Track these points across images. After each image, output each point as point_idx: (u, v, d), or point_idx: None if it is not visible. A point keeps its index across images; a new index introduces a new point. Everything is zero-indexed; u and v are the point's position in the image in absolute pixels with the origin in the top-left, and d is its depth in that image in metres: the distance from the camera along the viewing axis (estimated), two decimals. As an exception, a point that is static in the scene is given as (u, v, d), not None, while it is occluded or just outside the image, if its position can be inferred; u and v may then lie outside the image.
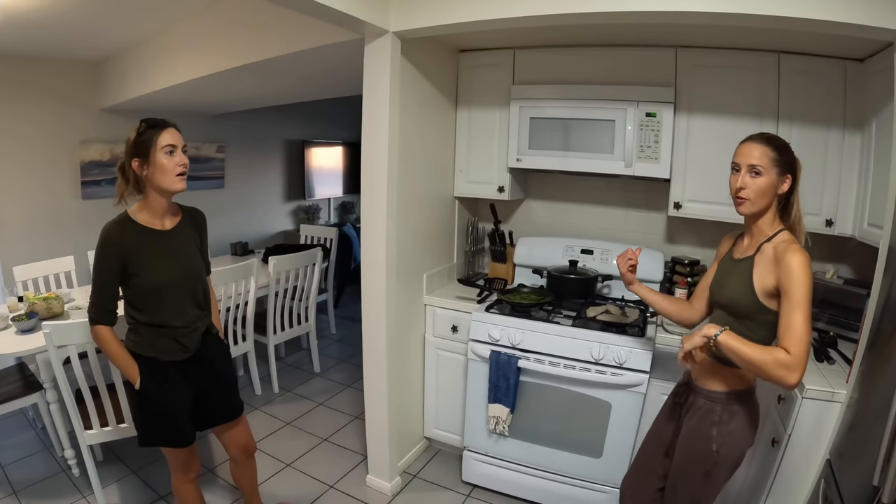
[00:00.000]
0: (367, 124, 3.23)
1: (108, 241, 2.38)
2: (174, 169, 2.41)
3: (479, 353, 3.43)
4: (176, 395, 2.59)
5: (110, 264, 2.39)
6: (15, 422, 4.32)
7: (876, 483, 1.75)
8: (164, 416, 2.58)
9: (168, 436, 2.62)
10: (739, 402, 2.24)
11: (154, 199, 2.48)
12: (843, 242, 3.23)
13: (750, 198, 2.13)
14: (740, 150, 2.17)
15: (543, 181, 4.24)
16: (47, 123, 5.27)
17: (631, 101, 3.30)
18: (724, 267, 2.37)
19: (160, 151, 2.37)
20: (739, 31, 2.77)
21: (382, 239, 3.28)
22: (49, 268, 4.62)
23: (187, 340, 2.59)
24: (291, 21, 3.27)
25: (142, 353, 2.52)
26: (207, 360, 2.70)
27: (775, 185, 2.12)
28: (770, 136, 2.17)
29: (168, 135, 2.40)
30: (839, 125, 3.00)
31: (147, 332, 2.52)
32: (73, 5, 3.67)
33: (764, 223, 2.21)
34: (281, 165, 8.23)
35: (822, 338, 3.08)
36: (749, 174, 2.12)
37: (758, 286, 2.11)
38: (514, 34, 3.37)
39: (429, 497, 3.65)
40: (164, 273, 2.48)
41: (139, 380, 2.50)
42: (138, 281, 2.43)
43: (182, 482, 2.79)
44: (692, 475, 2.31)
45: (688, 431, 2.34)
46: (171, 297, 2.52)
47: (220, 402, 2.80)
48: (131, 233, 2.43)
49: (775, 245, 2.13)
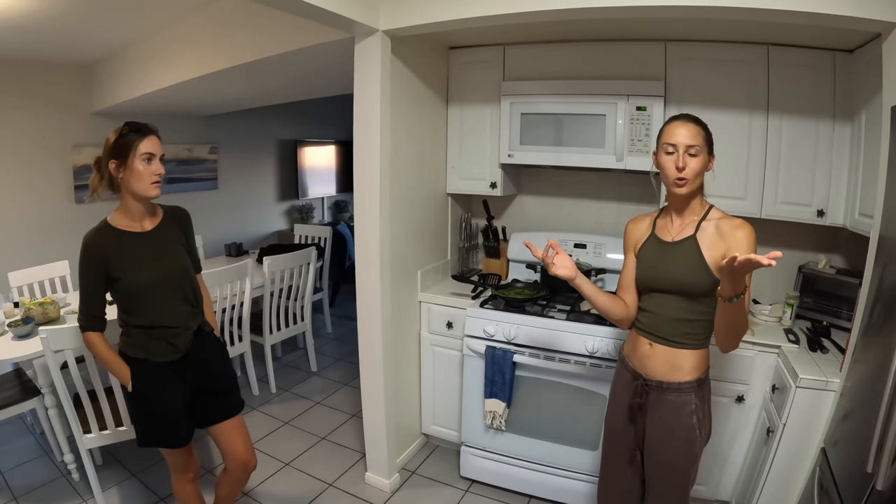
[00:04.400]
0: (359, 123, 3.23)
1: (89, 249, 2.41)
2: (150, 177, 2.41)
3: (475, 349, 3.44)
4: (168, 397, 2.59)
5: (93, 271, 2.42)
6: (13, 427, 4.31)
7: (869, 470, 1.76)
8: (157, 418, 2.59)
9: (162, 437, 2.63)
10: (706, 384, 2.28)
11: (130, 204, 2.49)
12: (835, 232, 3.25)
13: (689, 178, 2.13)
14: (674, 132, 2.15)
15: (536, 176, 4.25)
16: (39, 128, 5.26)
17: (621, 96, 3.31)
18: (653, 253, 2.30)
19: (138, 158, 2.38)
20: (728, 24, 2.79)
21: (376, 237, 3.29)
22: (44, 273, 4.61)
23: (178, 341, 2.59)
24: (282, 22, 3.28)
25: (133, 355, 2.53)
26: (201, 358, 2.69)
27: (706, 163, 2.16)
28: (694, 116, 2.19)
29: (148, 142, 2.40)
30: (829, 116, 3.01)
31: (138, 334, 2.53)
32: (63, 8, 3.67)
33: (695, 203, 2.23)
34: (274, 165, 8.24)
35: (815, 327, 3.11)
36: (687, 154, 2.11)
37: (710, 262, 2.12)
38: (504, 30, 3.37)
39: (428, 493, 3.65)
40: (147, 274, 2.49)
41: (132, 382, 2.52)
42: (122, 284, 2.45)
43: (181, 482, 2.81)
44: (682, 470, 2.29)
45: (667, 430, 2.27)
46: (157, 298, 2.53)
47: (217, 400, 2.79)
48: (111, 238, 2.44)
49: (716, 222, 2.16)
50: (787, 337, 2.99)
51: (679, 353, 2.22)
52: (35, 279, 4.54)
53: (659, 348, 2.26)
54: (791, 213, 3.16)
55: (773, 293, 3.55)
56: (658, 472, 2.35)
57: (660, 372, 2.27)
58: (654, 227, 2.36)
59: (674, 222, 2.28)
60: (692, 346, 2.20)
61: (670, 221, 2.30)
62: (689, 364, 2.22)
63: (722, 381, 3.06)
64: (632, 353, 2.42)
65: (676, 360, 2.23)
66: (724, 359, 3.01)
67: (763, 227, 3.19)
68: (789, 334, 3.02)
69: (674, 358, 2.23)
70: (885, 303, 2.09)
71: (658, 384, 2.26)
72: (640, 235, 2.41)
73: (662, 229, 2.32)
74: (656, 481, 2.38)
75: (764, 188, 3.17)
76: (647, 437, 2.35)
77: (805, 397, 2.56)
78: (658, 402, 2.28)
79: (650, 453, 2.35)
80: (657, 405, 2.28)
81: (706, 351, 2.25)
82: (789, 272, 3.48)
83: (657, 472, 2.35)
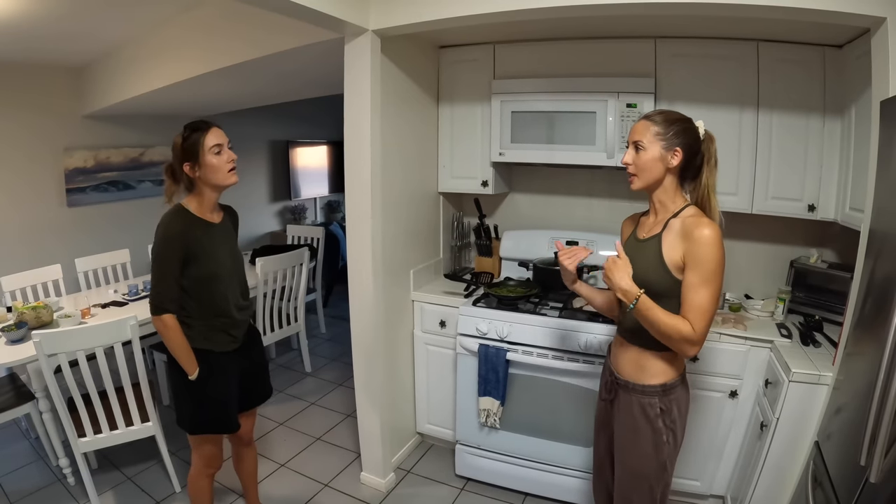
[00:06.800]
0: (350, 123, 3.24)
1: (170, 231, 2.46)
2: (225, 166, 2.55)
3: (468, 347, 3.45)
4: (228, 385, 2.70)
5: (174, 252, 2.46)
6: (8, 433, 4.30)
7: (863, 463, 1.77)
8: (217, 406, 2.68)
9: (219, 423, 2.72)
10: (675, 391, 2.18)
11: (207, 195, 2.59)
12: (826, 227, 3.25)
13: (635, 173, 2.13)
14: (631, 129, 2.17)
15: (527, 174, 4.25)
16: (29, 131, 5.22)
17: (611, 93, 3.32)
18: (629, 250, 2.21)
19: (209, 152, 2.49)
20: (718, 20, 2.80)
21: (368, 237, 3.29)
22: (37, 277, 4.59)
23: (237, 331, 2.72)
24: (274, 22, 3.26)
25: (198, 346, 2.59)
26: (248, 347, 2.81)
27: (661, 158, 2.08)
28: (662, 111, 2.15)
29: (213, 135, 2.52)
30: (819, 111, 3.03)
31: (200, 325, 2.60)
32: (48, 11, 3.66)
33: (665, 198, 2.17)
34: (266, 166, 8.21)
35: (807, 321, 3.12)
36: (633, 149, 2.12)
37: (668, 261, 2.07)
38: (494, 29, 3.38)
39: (423, 492, 3.66)
40: (219, 263, 2.60)
41: (197, 371, 2.58)
42: (196, 270, 2.52)
43: (202, 477, 2.84)
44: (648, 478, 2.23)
45: (631, 432, 2.23)
46: (224, 287, 2.63)
47: (257, 386, 2.94)
48: (190, 223, 2.52)
49: (683, 219, 2.09)
50: (779, 331, 3.01)
51: (646, 354, 2.18)
52: (28, 283, 4.52)
53: (629, 347, 2.24)
54: (782, 208, 3.18)
55: (765, 288, 3.57)
56: (624, 478, 2.31)
57: (627, 371, 2.25)
58: (637, 225, 2.35)
59: (650, 220, 2.26)
60: (660, 348, 2.13)
61: (648, 219, 2.28)
62: (656, 367, 2.17)
63: (715, 376, 3.07)
64: (612, 349, 2.43)
65: (643, 362, 2.19)
66: (716, 354, 3.03)
67: (754, 222, 3.23)
68: (781, 329, 3.04)
69: (641, 359, 2.20)
70: (877, 296, 2.10)
71: (625, 383, 2.24)
72: (627, 233, 2.41)
73: (642, 226, 2.30)
74: (622, 489, 2.33)
75: (755, 183, 3.18)
76: (615, 439, 2.33)
77: (798, 391, 2.57)
78: (624, 402, 2.25)
79: (617, 456, 2.33)
80: (623, 405, 2.25)
81: (675, 356, 2.17)
82: (781, 267, 3.50)
83: (624, 478, 2.31)
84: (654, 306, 1.98)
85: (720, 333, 3.04)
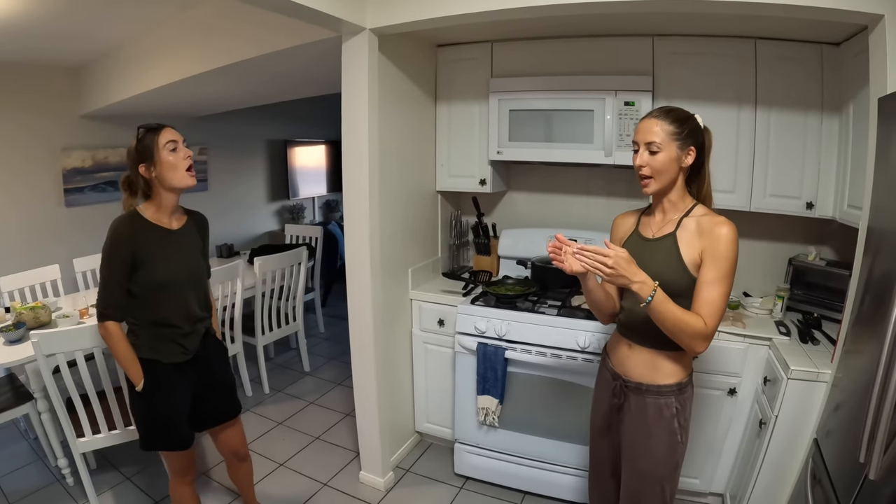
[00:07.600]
0: (347, 122, 3.23)
1: (118, 234, 2.41)
2: (182, 164, 2.51)
3: (467, 346, 3.45)
4: (175, 399, 2.61)
5: (120, 257, 2.40)
6: (7, 433, 4.30)
7: (862, 460, 1.77)
8: (164, 421, 2.59)
9: (168, 440, 2.63)
10: (688, 389, 2.18)
11: (164, 198, 2.53)
12: (825, 225, 3.25)
13: (652, 176, 2.09)
14: (638, 128, 2.11)
15: (525, 173, 4.25)
16: (27, 132, 5.22)
17: (609, 91, 3.32)
18: (634, 249, 2.09)
19: (164, 150, 2.44)
20: (716, 18, 2.80)
21: (366, 236, 3.29)
22: (35, 277, 4.59)
23: (188, 342, 2.62)
24: (271, 21, 3.26)
25: (142, 355, 2.53)
26: (205, 360, 2.72)
27: (677, 159, 2.06)
28: (668, 109, 2.10)
29: (167, 133, 2.48)
30: (817, 109, 3.03)
31: (147, 334, 2.53)
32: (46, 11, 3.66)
33: (675, 198, 2.15)
34: (264, 166, 8.21)
35: (806, 319, 3.12)
36: (647, 152, 2.07)
37: (688, 261, 2.05)
38: (492, 27, 3.37)
39: (422, 491, 3.66)
40: (170, 270, 2.51)
41: (142, 381, 2.51)
42: (144, 276, 2.45)
43: (179, 485, 2.80)
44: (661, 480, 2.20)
45: (645, 435, 2.19)
46: (174, 296, 2.55)
47: (218, 403, 2.82)
48: (140, 228, 2.47)
49: (697, 219, 2.09)
50: (778, 329, 3.01)
51: (659, 354, 2.15)
52: (26, 283, 4.52)
53: (638, 349, 2.20)
54: (780, 205, 3.17)
55: (764, 286, 3.57)
56: (635, 481, 2.27)
57: (638, 373, 2.20)
58: (638, 224, 2.31)
59: (656, 219, 2.23)
60: (671, 348, 2.11)
61: (654, 218, 2.25)
62: (670, 367, 2.15)
63: (714, 374, 3.07)
64: (612, 352, 2.37)
65: (656, 362, 2.16)
66: (715, 351, 3.03)
67: (753, 220, 3.22)
68: (780, 326, 3.04)
69: (654, 360, 2.16)
70: (875, 293, 2.10)
71: (637, 385, 2.19)
72: (626, 231, 2.35)
73: (646, 226, 2.27)
74: (632, 492, 2.29)
75: (753, 181, 3.18)
76: (623, 442, 2.29)
77: (797, 389, 2.57)
78: (636, 405, 2.21)
79: (627, 460, 2.28)
80: (635, 408, 2.21)
81: (685, 354, 2.15)
82: (780, 264, 3.50)
83: (634, 481, 2.28)
84: (669, 300, 1.93)
85: (719, 331, 3.02)
